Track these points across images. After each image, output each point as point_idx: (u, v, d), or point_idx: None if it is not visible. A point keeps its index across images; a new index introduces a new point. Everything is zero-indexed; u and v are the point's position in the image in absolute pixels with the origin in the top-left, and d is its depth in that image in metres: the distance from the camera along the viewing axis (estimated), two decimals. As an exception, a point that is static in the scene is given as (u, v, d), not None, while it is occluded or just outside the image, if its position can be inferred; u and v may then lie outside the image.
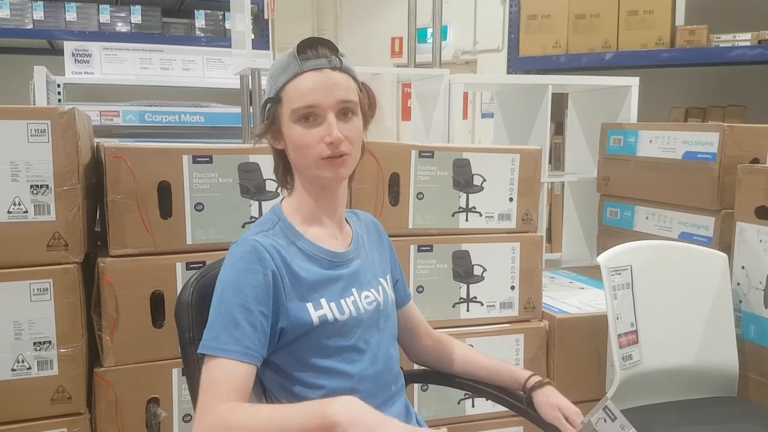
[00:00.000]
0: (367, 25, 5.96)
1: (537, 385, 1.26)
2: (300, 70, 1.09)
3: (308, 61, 1.09)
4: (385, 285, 1.26)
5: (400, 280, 1.38)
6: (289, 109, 1.11)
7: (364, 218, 1.33)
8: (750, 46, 3.14)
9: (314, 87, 1.09)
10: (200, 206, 1.63)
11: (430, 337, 1.41)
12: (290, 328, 1.11)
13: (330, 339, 1.13)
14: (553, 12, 3.53)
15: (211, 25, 4.37)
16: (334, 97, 1.09)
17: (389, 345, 1.24)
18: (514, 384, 1.31)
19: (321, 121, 1.10)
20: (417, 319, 1.41)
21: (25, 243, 1.49)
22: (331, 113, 1.09)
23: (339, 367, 1.14)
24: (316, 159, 1.10)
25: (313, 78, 1.09)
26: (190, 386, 1.16)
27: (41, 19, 4.05)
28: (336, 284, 1.16)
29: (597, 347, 1.97)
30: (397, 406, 1.23)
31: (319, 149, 1.10)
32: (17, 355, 1.50)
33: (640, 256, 1.77)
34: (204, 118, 3.52)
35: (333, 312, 1.13)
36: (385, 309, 1.23)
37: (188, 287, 1.18)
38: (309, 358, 1.12)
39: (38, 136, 1.47)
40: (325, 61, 1.10)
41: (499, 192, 1.92)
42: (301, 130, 1.10)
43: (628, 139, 2.42)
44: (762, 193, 1.81)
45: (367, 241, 1.28)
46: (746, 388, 1.85)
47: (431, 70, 2.60)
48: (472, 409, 1.92)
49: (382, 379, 1.20)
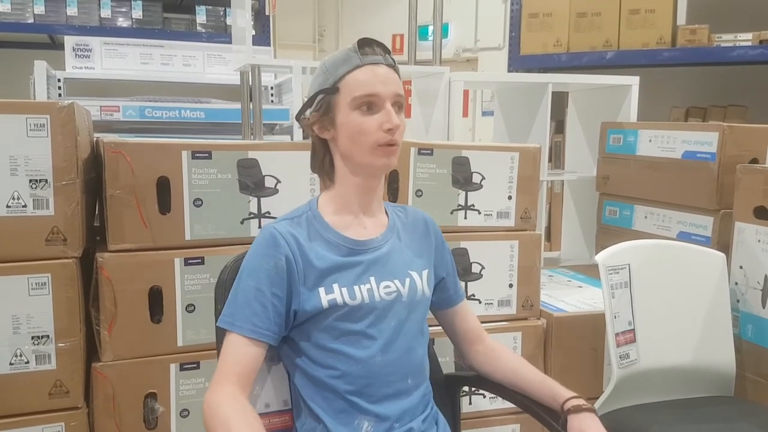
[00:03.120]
0: (368, 22, 5.96)
1: (573, 409, 1.22)
2: (361, 62, 1.18)
3: (368, 56, 1.19)
4: (418, 279, 1.28)
5: (447, 279, 1.38)
6: (349, 97, 1.18)
7: (413, 214, 1.37)
8: (751, 46, 3.14)
9: (374, 78, 1.18)
10: (199, 202, 1.63)
11: (482, 342, 1.41)
12: (301, 310, 1.18)
13: (339, 322, 1.19)
14: (554, 10, 3.53)
15: (212, 20, 4.37)
16: (391, 89, 1.19)
17: (410, 338, 1.25)
18: (553, 403, 1.27)
19: (379, 110, 1.18)
20: (468, 322, 1.41)
21: (23, 237, 1.49)
22: (389, 103, 1.18)
23: (345, 349, 1.19)
24: (372, 145, 1.18)
25: (372, 71, 1.18)
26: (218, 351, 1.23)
27: (42, 13, 4.05)
28: (352, 270, 1.21)
29: (594, 346, 1.97)
30: (411, 400, 1.23)
31: (377, 136, 1.18)
32: (15, 349, 1.50)
33: (639, 255, 1.77)
34: (204, 114, 3.51)
35: (343, 296, 1.19)
36: (409, 301, 1.25)
37: (226, 269, 1.28)
38: (317, 337, 1.19)
39: (37, 130, 1.47)
40: (381, 58, 1.20)
41: (498, 190, 1.92)
42: (360, 117, 1.18)
43: (627, 139, 2.42)
44: (761, 193, 1.81)
45: (408, 234, 1.31)
46: (743, 388, 1.85)
47: (431, 68, 2.60)
48: (470, 406, 1.92)
49: (395, 369, 1.22)
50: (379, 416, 1.19)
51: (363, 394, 1.18)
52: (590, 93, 2.83)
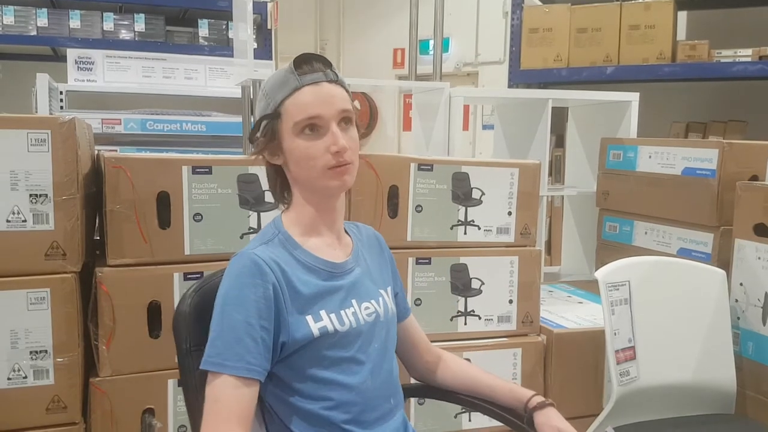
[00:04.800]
0: (369, 36, 5.98)
1: (539, 406, 1.24)
2: (299, 84, 1.12)
3: (306, 76, 1.12)
4: (386, 297, 1.26)
5: (400, 294, 1.37)
6: (290, 122, 1.12)
7: (365, 231, 1.34)
8: (751, 61, 3.15)
9: (314, 100, 1.11)
10: (199, 217, 1.63)
11: (430, 352, 1.41)
12: (291, 341, 1.11)
13: (330, 350, 1.14)
14: (554, 25, 3.55)
15: (214, 34, 4.39)
16: (335, 108, 1.12)
17: (390, 358, 1.24)
18: (515, 402, 1.29)
19: (324, 132, 1.12)
20: (417, 334, 1.40)
21: (23, 252, 1.49)
22: (334, 123, 1.12)
23: (338, 378, 1.14)
24: (322, 169, 1.12)
25: (312, 91, 1.12)
26: (186, 397, 1.16)
27: (45, 26, 4.08)
28: (335, 295, 1.17)
29: (594, 362, 1.97)
30: (395, 420, 1.22)
31: (325, 159, 1.11)
32: (13, 364, 1.50)
33: (639, 272, 1.76)
34: (205, 127, 3.53)
35: (333, 323, 1.14)
36: (385, 321, 1.23)
37: (186, 298, 1.17)
38: (308, 369, 1.13)
39: (38, 145, 1.47)
40: (322, 75, 1.13)
41: (498, 206, 1.92)
42: (305, 142, 1.12)
43: (627, 154, 2.42)
44: (761, 210, 1.81)
45: (367, 253, 1.29)
46: (744, 406, 1.84)
47: (431, 84, 2.61)
48: (469, 423, 1.91)
49: (381, 392, 1.20)
50: None
51: (357, 422, 1.15)
52: (590, 108, 2.83)
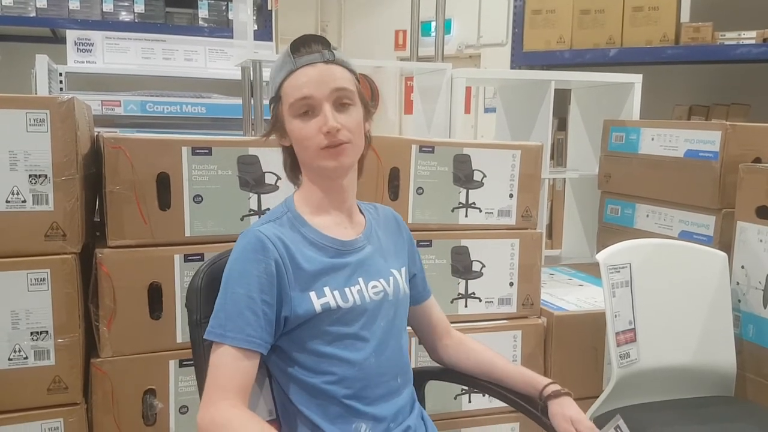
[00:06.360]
0: (371, 18, 5.94)
1: (553, 394, 1.24)
2: (294, 66, 1.15)
3: (301, 58, 1.15)
4: (398, 277, 1.27)
5: (419, 275, 1.38)
6: (287, 104, 1.16)
7: (383, 211, 1.35)
8: (755, 44, 3.13)
9: (308, 80, 1.13)
10: (199, 198, 1.63)
11: (450, 336, 1.42)
12: (293, 316, 1.14)
13: (332, 326, 1.16)
14: (557, 7, 3.52)
15: (214, 15, 4.36)
16: (328, 87, 1.13)
17: (398, 337, 1.25)
18: (531, 390, 1.29)
19: (317, 113, 1.14)
20: (436, 316, 1.42)
21: (23, 232, 1.49)
22: (327, 104, 1.13)
23: (340, 353, 1.16)
24: (316, 150, 1.14)
25: (307, 72, 1.14)
26: (197, 366, 1.20)
27: (44, 7, 4.05)
28: (341, 272, 1.19)
29: (595, 345, 1.97)
30: (401, 399, 1.23)
31: (317, 140, 1.14)
32: (14, 345, 1.50)
33: (640, 254, 1.76)
34: (206, 109, 3.51)
35: (336, 300, 1.16)
36: (394, 300, 1.24)
37: (200, 273, 1.22)
38: (310, 343, 1.16)
39: (37, 125, 1.47)
40: (318, 56, 1.15)
41: (500, 188, 1.92)
42: (300, 123, 1.15)
43: (630, 137, 2.41)
44: (763, 192, 1.80)
45: (383, 232, 1.30)
46: (744, 388, 1.84)
47: (433, 65, 2.59)
48: (469, 405, 1.92)
49: (386, 369, 1.21)
50: (376, 418, 1.18)
51: (359, 397, 1.17)
52: (593, 90, 2.81)
